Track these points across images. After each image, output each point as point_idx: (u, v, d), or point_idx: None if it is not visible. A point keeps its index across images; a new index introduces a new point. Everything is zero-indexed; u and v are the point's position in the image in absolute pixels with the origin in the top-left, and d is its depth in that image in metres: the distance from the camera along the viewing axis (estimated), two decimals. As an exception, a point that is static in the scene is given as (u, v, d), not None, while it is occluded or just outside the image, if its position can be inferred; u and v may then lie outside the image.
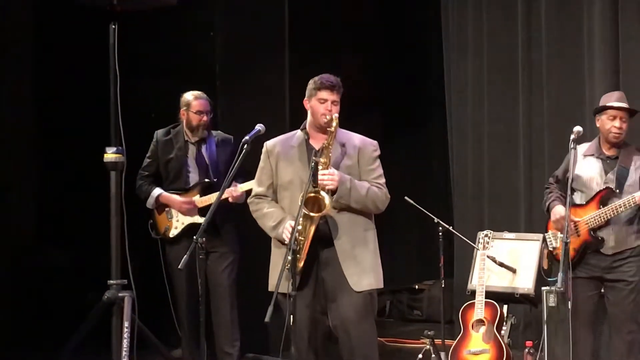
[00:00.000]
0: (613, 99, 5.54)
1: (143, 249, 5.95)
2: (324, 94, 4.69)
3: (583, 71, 7.60)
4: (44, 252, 7.88)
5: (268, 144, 4.89)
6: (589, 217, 5.41)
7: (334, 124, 4.60)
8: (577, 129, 5.38)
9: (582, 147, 5.63)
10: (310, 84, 4.77)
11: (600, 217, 5.37)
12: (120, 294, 5.00)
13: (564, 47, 7.78)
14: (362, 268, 4.67)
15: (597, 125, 5.55)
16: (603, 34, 7.46)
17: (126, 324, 4.93)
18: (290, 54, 7.64)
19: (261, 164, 4.89)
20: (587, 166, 5.53)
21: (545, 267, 5.91)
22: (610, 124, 5.45)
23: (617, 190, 5.40)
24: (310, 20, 8.18)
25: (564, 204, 5.42)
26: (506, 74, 8.17)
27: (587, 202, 5.48)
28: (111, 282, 5.05)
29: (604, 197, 5.42)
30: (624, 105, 5.51)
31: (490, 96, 8.27)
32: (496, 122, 8.24)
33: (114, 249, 5.04)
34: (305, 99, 4.79)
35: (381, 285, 4.84)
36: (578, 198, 5.55)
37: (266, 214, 4.78)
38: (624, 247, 5.42)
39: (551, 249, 5.67)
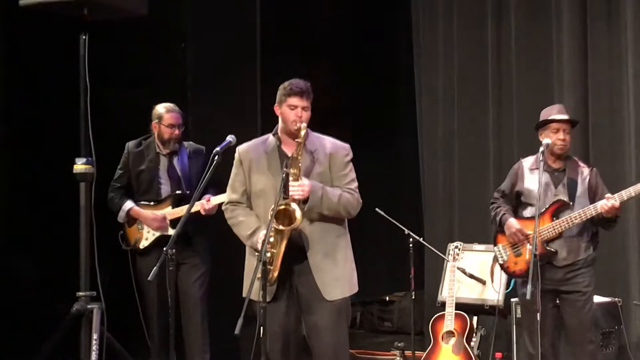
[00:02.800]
0: (554, 112, 5.59)
1: (113, 260, 5.92)
2: (294, 100, 4.66)
3: (552, 83, 7.68)
4: (12, 263, 7.80)
5: (240, 149, 4.85)
6: (543, 229, 5.43)
7: (302, 133, 4.58)
8: (546, 141, 5.43)
9: (528, 161, 5.69)
10: (280, 90, 4.74)
11: (554, 229, 5.41)
12: (89, 306, 4.97)
13: (533, 60, 7.86)
14: (333, 277, 4.65)
15: (541, 139, 5.58)
16: (572, 46, 7.55)
17: (95, 336, 4.90)
18: (262, 64, 7.64)
19: (234, 170, 4.85)
20: (535, 180, 5.57)
21: (492, 281, 6.01)
22: (554, 137, 5.50)
23: (571, 202, 5.46)
24: (281, 31, 8.19)
25: (515, 217, 5.55)
26: (476, 86, 8.24)
27: (539, 215, 5.51)
28: (80, 293, 5.01)
29: (557, 209, 5.46)
30: (566, 117, 5.56)
31: (461, 108, 8.33)
32: (466, 133, 8.30)
33: (83, 260, 5.01)
34: (276, 104, 4.76)
35: (355, 291, 4.81)
36: (528, 212, 5.59)
37: (241, 222, 4.75)
38: (576, 259, 5.48)
39: (501, 263, 5.70)
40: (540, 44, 7.84)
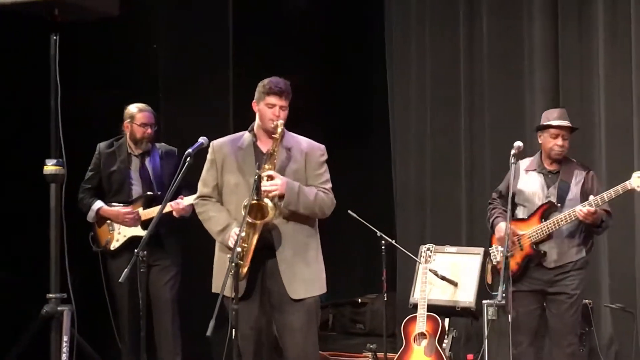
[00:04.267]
0: (554, 117, 5.61)
1: (84, 262, 5.88)
2: (272, 99, 4.66)
3: (524, 88, 7.72)
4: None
5: (215, 143, 4.84)
6: (532, 230, 5.47)
7: (279, 130, 4.58)
8: (518, 144, 5.45)
9: (524, 162, 5.71)
10: (259, 87, 4.74)
11: (542, 231, 5.44)
12: (59, 308, 4.92)
13: (505, 64, 7.90)
14: (302, 277, 4.65)
15: (540, 141, 5.63)
16: (543, 51, 7.59)
17: (65, 338, 4.85)
18: (234, 66, 7.63)
19: (207, 164, 4.83)
20: (529, 181, 5.61)
21: (489, 281, 6.00)
22: (552, 142, 5.53)
23: (559, 204, 5.48)
24: (254, 33, 8.18)
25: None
26: (448, 90, 8.27)
27: (530, 216, 5.55)
28: (50, 295, 4.97)
29: (546, 211, 5.49)
30: (566, 123, 5.59)
31: (433, 111, 8.36)
32: (438, 136, 8.32)
33: (53, 261, 4.96)
34: (254, 101, 4.75)
35: (323, 291, 4.81)
36: (521, 212, 5.62)
37: (212, 218, 4.74)
38: (566, 261, 5.49)
39: (495, 263, 5.72)
40: (511, 49, 7.88)
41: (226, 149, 4.78)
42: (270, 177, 4.53)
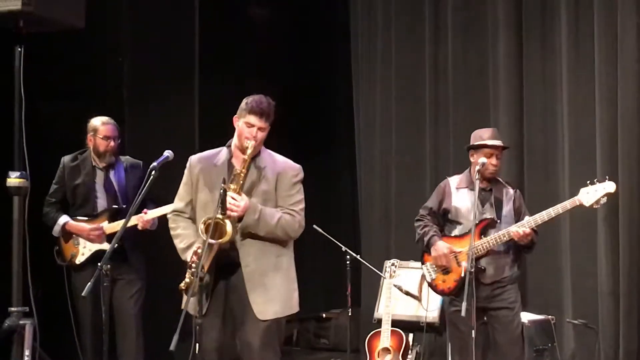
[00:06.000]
0: (488, 136, 5.66)
1: (47, 275, 5.83)
2: (252, 119, 4.58)
3: (488, 103, 7.78)
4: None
5: (192, 159, 4.78)
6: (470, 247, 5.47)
7: (248, 152, 4.53)
8: (482, 160, 5.50)
9: (454, 180, 5.76)
10: (242, 104, 4.65)
11: (482, 247, 5.47)
12: (21, 322, 4.88)
13: (470, 80, 7.98)
14: (269, 296, 4.59)
15: (472, 160, 5.66)
16: (508, 68, 7.66)
17: (27, 352, 4.82)
18: (200, 79, 7.61)
19: (184, 179, 4.77)
20: (462, 198, 5.65)
21: (420, 300, 6.07)
22: (487, 162, 5.57)
23: (498, 221, 5.54)
24: (221, 48, 8.17)
25: (443, 236, 5.62)
26: (413, 106, 8.34)
27: (467, 233, 5.57)
28: (12, 309, 4.92)
29: (485, 227, 5.53)
30: (500, 143, 5.64)
31: (398, 127, 8.41)
32: (403, 152, 8.37)
33: (15, 274, 4.92)
34: (236, 116, 4.67)
35: (292, 312, 4.76)
36: (457, 230, 5.66)
37: (179, 235, 4.69)
38: (502, 276, 5.55)
39: (429, 281, 5.74)
40: (476, 65, 7.95)
41: (201, 165, 4.72)
42: (234, 197, 4.49)
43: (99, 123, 6.05)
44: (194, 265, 4.39)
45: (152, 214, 5.76)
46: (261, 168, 4.67)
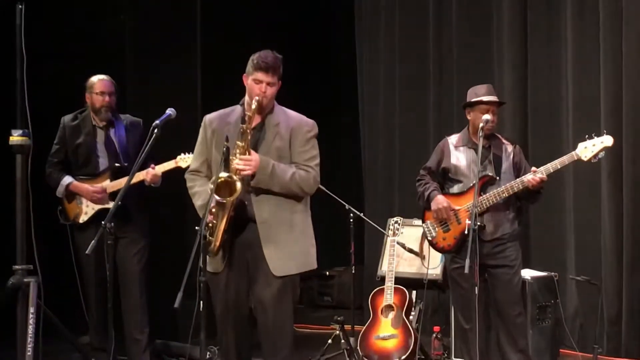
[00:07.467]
0: (483, 92, 5.65)
1: (51, 234, 5.85)
2: (259, 75, 4.55)
3: (492, 62, 7.75)
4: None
5: (207, 118, 4.76)
6: (470, 204, 5.46)
7: (253, 107, 4.49)
8: (486, 117, 5.49)
9: (452, 139, 5.77)
10: (249, 61, 4.62)
11: (482, 204, 5.47)
12: (25, 280, 4.90)
13: (473, 40, 7.94)
14: (284, 253, 4.59)
15: (468, 117, 5.67)
16: (512, 27, 7.62)
17: (32, 310, 4.83)
18: (202, 37, 7.57)
19: (199, 138, 4.76)
20: (460, 156, 5.65)
21: (423, 258, 6.08)
22: (490, 118, 5.56)
23: (497, 177, 5.54)
24: (223, 4, 8.11)
25: (443, 194, 5.65)
26: (417, 66, 8.32)
27: (467, 190, 5.58)
28: (16, 267, 4.94)
29: (484, 184, 5.54)
30: (495, 99, 5.63)
31: (402, 87, 8.40)
32: (407, 111, 8.36)
33: (19, 233, 4.93)
34: (245, 74, 4.64)
35: (309, 268, 4.77)
36: (456, 187, 5.66)
37: (196, 193, 4.68)
38: (502, 233, 5.57)
39: (430, 239, 5.75)
40: (480, 23, 7.91)
41: (216, 124, 4.69)
42: (244, 152, 4.45)
43: (95, 80, 6.05)
44: (210, 224, 4.41)
45: (162, 168, 5.78)
46: (275, 124, 4.65)
